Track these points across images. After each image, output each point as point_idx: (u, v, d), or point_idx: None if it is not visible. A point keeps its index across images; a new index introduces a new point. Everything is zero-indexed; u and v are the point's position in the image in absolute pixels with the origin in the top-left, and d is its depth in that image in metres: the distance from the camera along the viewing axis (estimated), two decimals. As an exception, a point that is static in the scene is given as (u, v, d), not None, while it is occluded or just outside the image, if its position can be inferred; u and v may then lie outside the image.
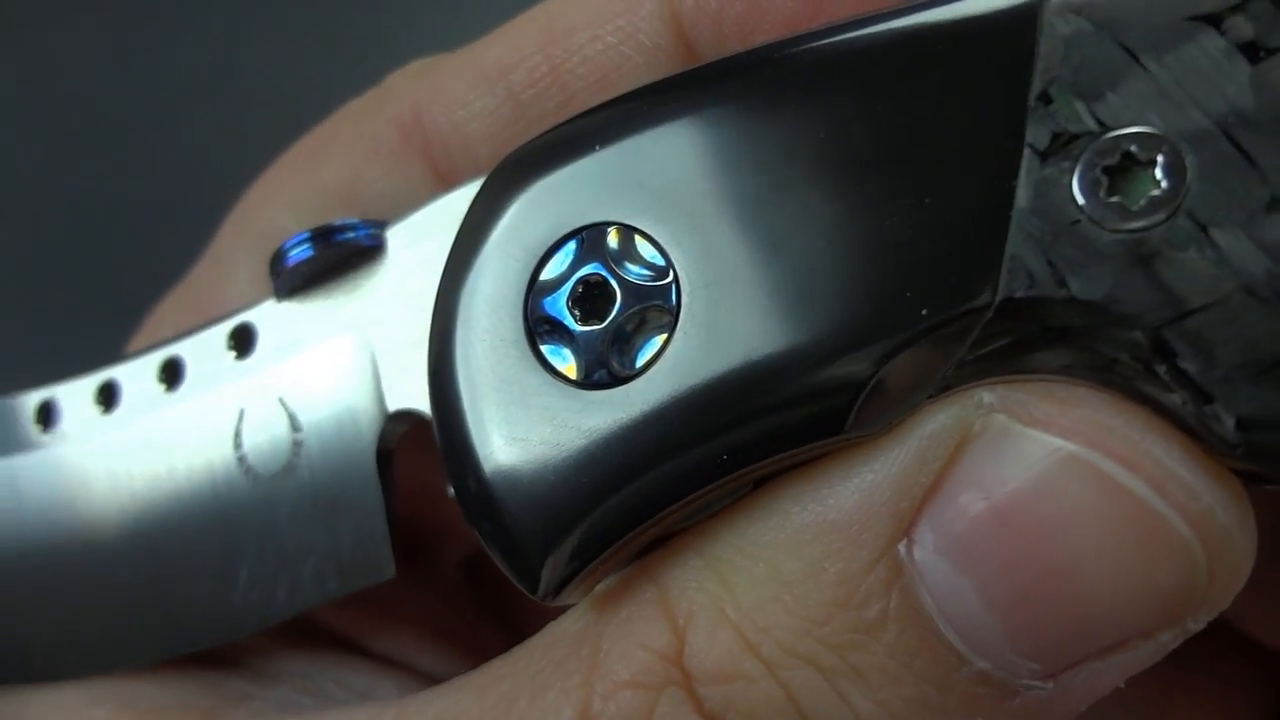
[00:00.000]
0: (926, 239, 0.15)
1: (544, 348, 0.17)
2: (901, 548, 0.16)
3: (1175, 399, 0.15)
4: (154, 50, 0.55)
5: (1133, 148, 0.15)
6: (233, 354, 0.21)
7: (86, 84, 0.54)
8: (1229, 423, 0.14)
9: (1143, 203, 0.15)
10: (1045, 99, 0.15)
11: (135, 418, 0.22)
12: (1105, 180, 0.15)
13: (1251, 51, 0.15)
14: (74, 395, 0.23)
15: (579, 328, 0.17)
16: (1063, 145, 0.15)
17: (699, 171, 0.17)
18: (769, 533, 0.17)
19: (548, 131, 0.18)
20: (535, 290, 0.18)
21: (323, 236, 0.20)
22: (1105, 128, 0.15)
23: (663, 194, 0.17)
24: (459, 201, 0.19)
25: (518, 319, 0.18)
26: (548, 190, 0.18)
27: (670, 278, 0.17)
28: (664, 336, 0.17)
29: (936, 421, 0.16)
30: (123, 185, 0.51)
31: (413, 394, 0.20)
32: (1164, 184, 0.15)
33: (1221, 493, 0.15)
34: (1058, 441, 0.15)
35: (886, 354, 0.16)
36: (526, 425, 0.17)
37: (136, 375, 0.22)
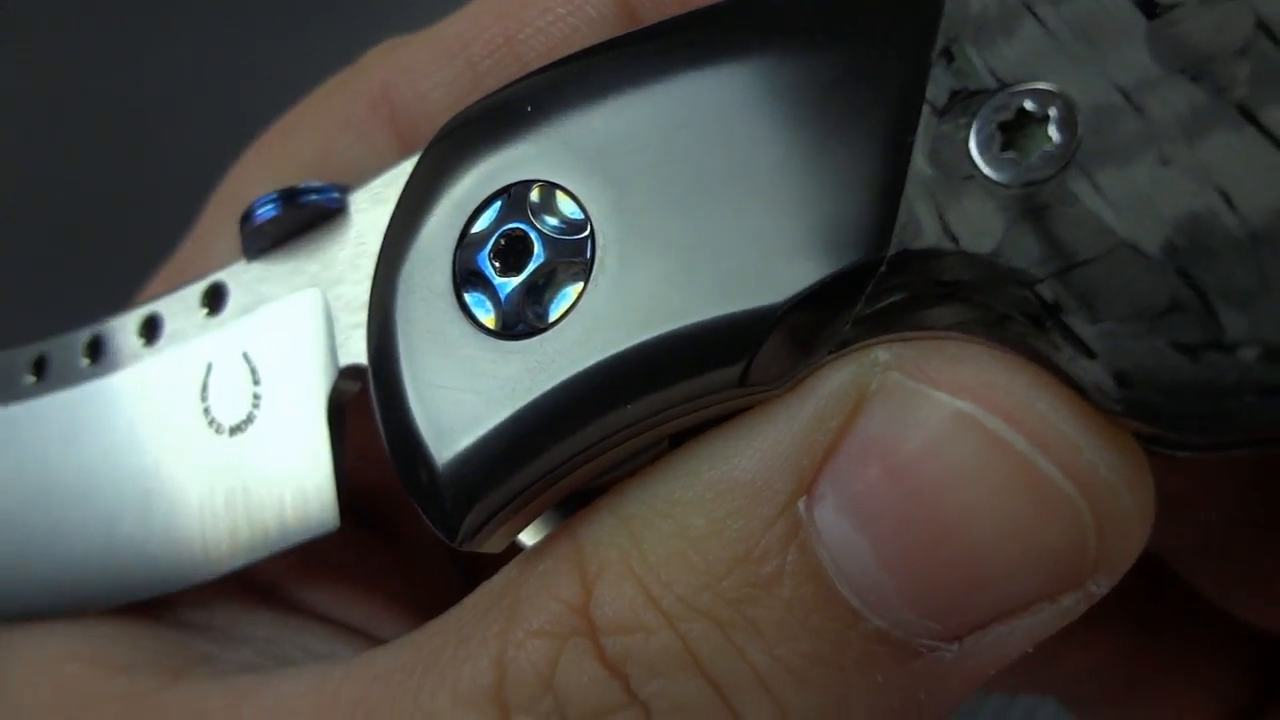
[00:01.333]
0: (826, 194, 0.16)
1: (468, 298, 0.18)
2: (801, 505, 0.16)
3: (1063, 355, 0.15)
4: (151, 45, 0.56)
5: (1027, 103, 0.15)
6: (204, 311, 0.22)
7: (82, 77, 0.56)
8: (1109, 378, 0.14)
9: (1035, 157, 0.15)
10: (947, 56, 0.15)
11: (117, 369, 0.23)
12: (1000, 136, 0.15)
13: (1149, 7, 0.14)
14: (64, 348, 0.24)
15: (498, 279, 0.18)
16: (961, 102, 0.15)
17: (619, 131, 0.17)
18: (679, 490, 0.17)
19: (485, 96, 0.19)
20: (464, 245, 0.18)
21: (289, 198, 0.21)
22: (1002, 84, 0.15)
23: (585, 152, 0.17)
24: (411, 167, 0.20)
25: (447, 272, 0.18)
26: (481, 151, 0.18)
27: (587, 232, 0.17)
28: (579, 288, 0.17)
29: (835, 380, 0.16)
30: (120, 174, 0.53)
31: (362, 351, 0.20)
32: (1056, 139, 0.15)
33: (1107, 450, 0.15)
34: (946, 398, 0.15)
35: (783, 307, 0.16)
36: (450, 374, 0.18)
37: (120, 330, 0.23)
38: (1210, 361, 0.14)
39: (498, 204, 0.18)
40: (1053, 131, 0.15)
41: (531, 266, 0.17)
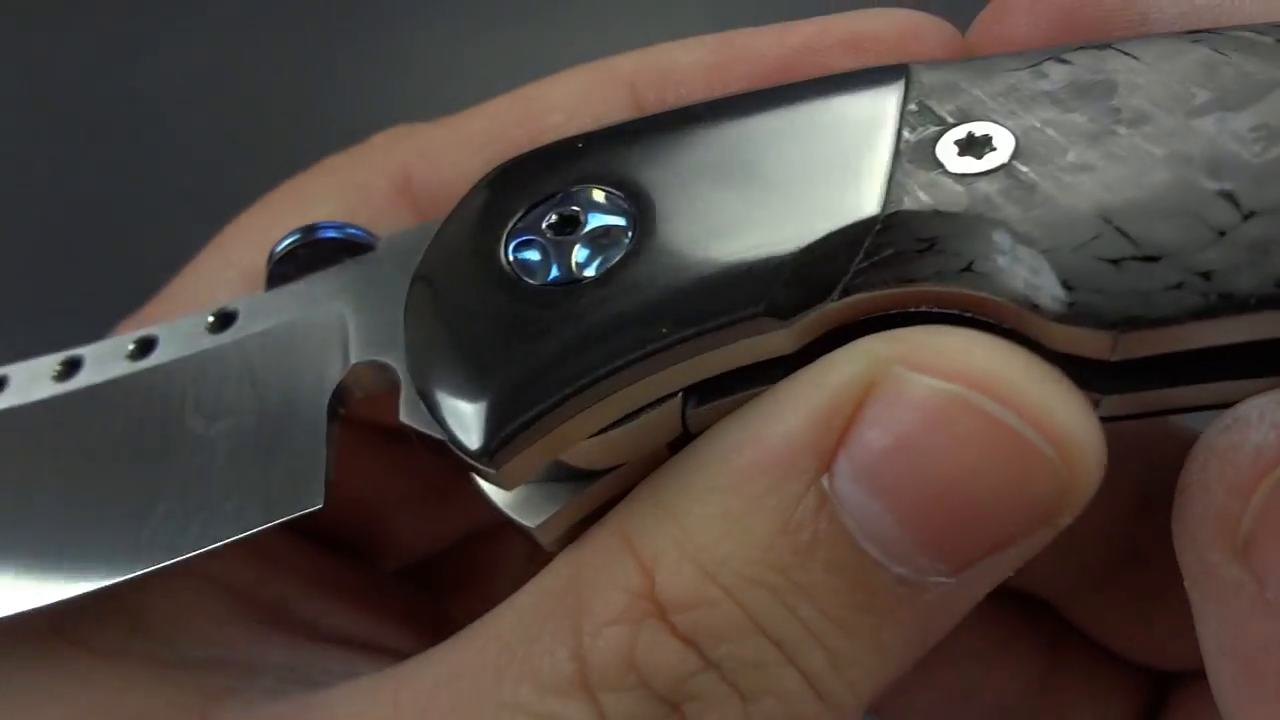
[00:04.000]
0: (840, 181, 0.21)
1: (516, 256, 0.21)
2: (824, 480, 0.19)
3: (1019, 283, 0.19)
4: (149, 50, 0.57)
5: (974, 130, 0.21)
6: (208, 330, 0.24)
7: (81, 83, 0.56)
8: (1059, 288, 0.19)
9: (984, 159, 0.20)
10: (918, 105, 0.21)
11: (96, 378, 0.24)
12: (957, 149, 0.21)
13: (1038, 76, 0.21)
14: (33, 369, 0.24)
15: (549, 239, 0.21)
16: (928, 130, 0.21)
17: (664, 153, 0.22)
18: (714, 478, 0.20)
19: (534, 149, 0.23)
20: (526, 216, 0.22)
21: (309, 231, 0.24)
22: (957, 121, 0.21)
23: (631, 169, 0.22)
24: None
25: (501, 237, 0.21)
26: (539, 168, 0.23)
27: (631, 212, 0.21)
28: (621, 254, 0.21)
29: (845, 374, 0.19)
30: (117, 175, 0.52)
31: (378, 345, 0.23)
32: (998, 150, 0.20)
33: (1072, 410, 0.19)
34: (939, 383, 0.19)
35: (804, 250, 0.20)
36: (494, 307, 0.21)
37: (107, 351, 0.24)
38: (1129, 268, 0.19)
39: (559, 196, 0.22)
40: (996, 145, 0.21)
41: (579, 234, 0.21)
